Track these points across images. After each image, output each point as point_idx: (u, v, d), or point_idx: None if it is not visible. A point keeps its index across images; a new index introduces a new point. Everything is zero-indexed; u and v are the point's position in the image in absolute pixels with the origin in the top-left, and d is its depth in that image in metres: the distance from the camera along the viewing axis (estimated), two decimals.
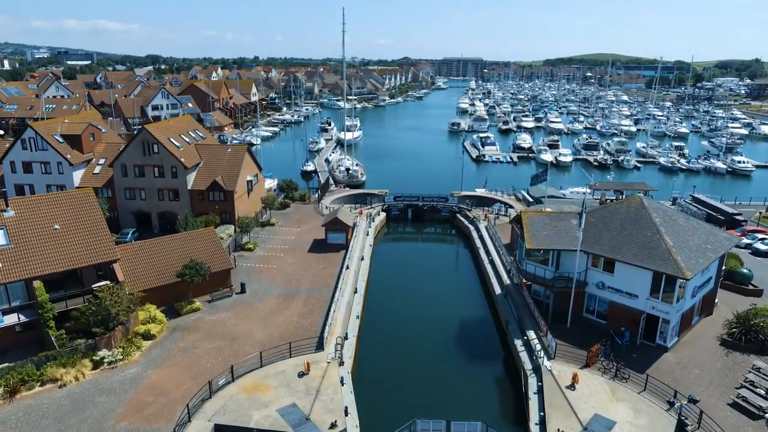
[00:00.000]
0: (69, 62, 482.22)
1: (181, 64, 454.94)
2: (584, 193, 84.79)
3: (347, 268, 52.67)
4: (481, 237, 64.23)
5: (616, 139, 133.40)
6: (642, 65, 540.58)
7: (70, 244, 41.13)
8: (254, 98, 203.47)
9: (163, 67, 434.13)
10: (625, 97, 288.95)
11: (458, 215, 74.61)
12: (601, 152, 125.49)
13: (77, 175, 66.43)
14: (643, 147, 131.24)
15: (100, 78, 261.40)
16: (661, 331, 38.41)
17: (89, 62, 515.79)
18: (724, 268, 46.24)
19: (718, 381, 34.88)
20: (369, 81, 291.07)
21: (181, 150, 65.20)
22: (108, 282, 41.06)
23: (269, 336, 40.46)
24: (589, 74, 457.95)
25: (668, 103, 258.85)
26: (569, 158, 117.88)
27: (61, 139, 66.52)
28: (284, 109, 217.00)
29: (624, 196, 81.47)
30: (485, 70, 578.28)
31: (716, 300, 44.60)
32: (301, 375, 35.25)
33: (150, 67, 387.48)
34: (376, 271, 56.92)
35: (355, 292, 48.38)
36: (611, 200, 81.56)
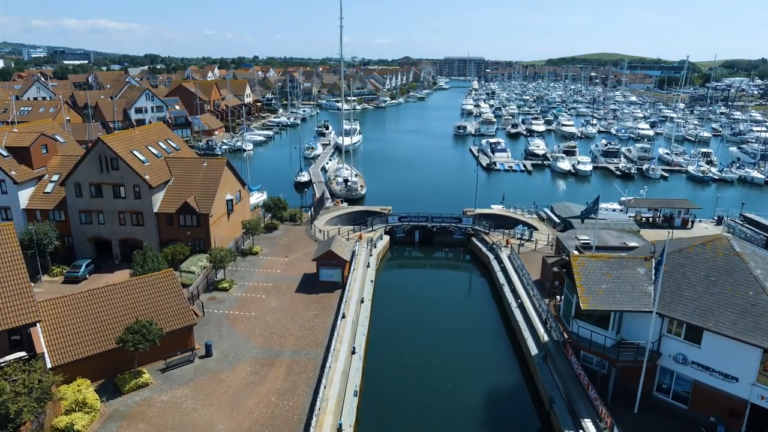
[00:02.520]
0: (65, 62, 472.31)
1: (178, 64, 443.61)
2: (614, 210, 74.64)
3: (343, 316, 42.26)
4: (504, 270, 53.77)
5: (637, 144, 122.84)
6: (646, 65, 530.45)
7: None
8: (248, 99, 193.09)
9: (159, 66, 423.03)
10: (633, 98, 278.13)
11: (473, 239, 64.22)
12: (623, 160, 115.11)
13: (24, 195, 55.94)
14: (667, 154, 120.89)
15: (92, 78, 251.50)
16: None
17: (86, 62, 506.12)
18: None
19: None
20: (369, 81, 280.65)
21: (146, 165, 54.81)
22: (23, 354, 30.76)
23: (236, 429, 30.04)
24: (593, 74, 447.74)
25: (681, 105, 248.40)
26: (589, 167, 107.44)
27: (5, 153, 56.07)
28: (280, 110, 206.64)
29: (661, 215, 71.43)
30: (488, 70, 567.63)
31: None
32: None
33: (144, 67, 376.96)
34: (378, 316, 46.43)
35: (353, 352, 38.00)
36: (647, 218, 71.26)
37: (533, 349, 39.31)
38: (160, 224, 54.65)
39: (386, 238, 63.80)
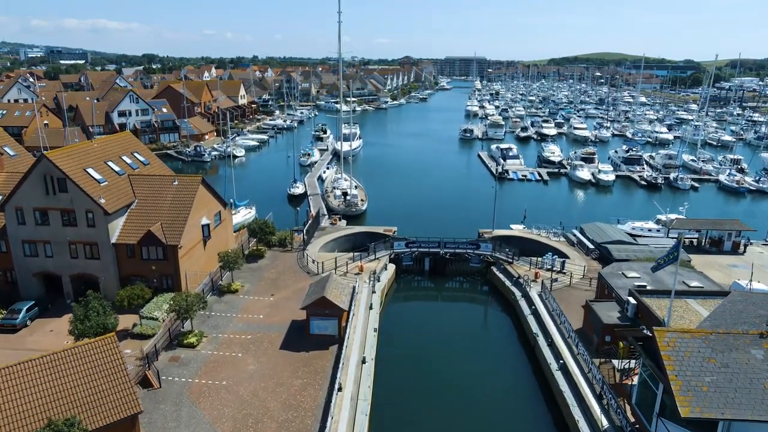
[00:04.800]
0: (62, 61, 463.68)
1: (176, 64, 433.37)
2: (650, 230, 65.36)
3: (339, 389, 32.79)
4: (535, 313, 44.24)
5: (662, 151, 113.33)
6: (650, 64, 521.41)
7: None
8: (243, 101, 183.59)
9: (155, 66, 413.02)
10: (643, 99, 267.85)
11: (494, 268, 54.78)
12: (646, 167, 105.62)
13: None
14: (693, 160, 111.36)
15: (84, 79, 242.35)
16: None
17: (82, 61, 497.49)
18: None
19: None
20: (369, 81, 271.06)
21: (103, 186, 45.40)
22: None
23: None
24: (598, 74, 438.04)
25: (694, 106, 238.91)
26: (611, 176, 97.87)
27: None
28: (277, 112, 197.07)
29: (707, 237, 62.07)
30: (489, 70, 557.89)
31: None
32: None
33: (140, 67, 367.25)
34: (384, 385, 36.83)
35: None
36: (691, 241, 61.86)
37: None
38: (119, 257, 45.28)
39: (391, 267, 54.33)
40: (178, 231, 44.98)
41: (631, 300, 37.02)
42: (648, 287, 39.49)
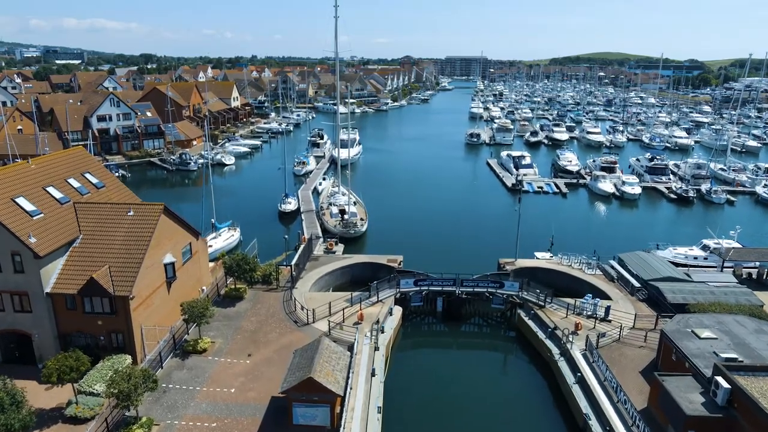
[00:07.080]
0: (58, 61, 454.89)
1: (173, 63, 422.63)
2: (696, 258, 56.12)
3: None
4: (582, 382, 34.82)
5: (690, 160, 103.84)
6: (653, 63, 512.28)
7: None
8: (236, 103, 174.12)
9: (151, 66, 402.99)
10: (652, 100, 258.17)
11: (521, 312, 45.37)
12: (672, 178, 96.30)
13: None
14: (722, 170, 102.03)
15: (75, 80, 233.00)
16: None
17: (78, 62, 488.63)
18: None
19: None
20: (369, 82, 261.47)
21: (36, 219, 36.07)
22: None
23: None
24: (602, 74, 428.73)
25: (706, 107, 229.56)
26: (637, 189, 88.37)
27: None
28: (272, 115, 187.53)
29: None
30: (491, 70, 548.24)
31: None
32: None
33: (134, 67, 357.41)
34: None
35: None
36: (749, 273, 52.52)
37: None
38: (56, 310, 35.97)
39: (397, 311, 44.87)
40: (131, 277, 35.61)
41: (722, 382, 27.71)
42: (738, 358, 30.21)
